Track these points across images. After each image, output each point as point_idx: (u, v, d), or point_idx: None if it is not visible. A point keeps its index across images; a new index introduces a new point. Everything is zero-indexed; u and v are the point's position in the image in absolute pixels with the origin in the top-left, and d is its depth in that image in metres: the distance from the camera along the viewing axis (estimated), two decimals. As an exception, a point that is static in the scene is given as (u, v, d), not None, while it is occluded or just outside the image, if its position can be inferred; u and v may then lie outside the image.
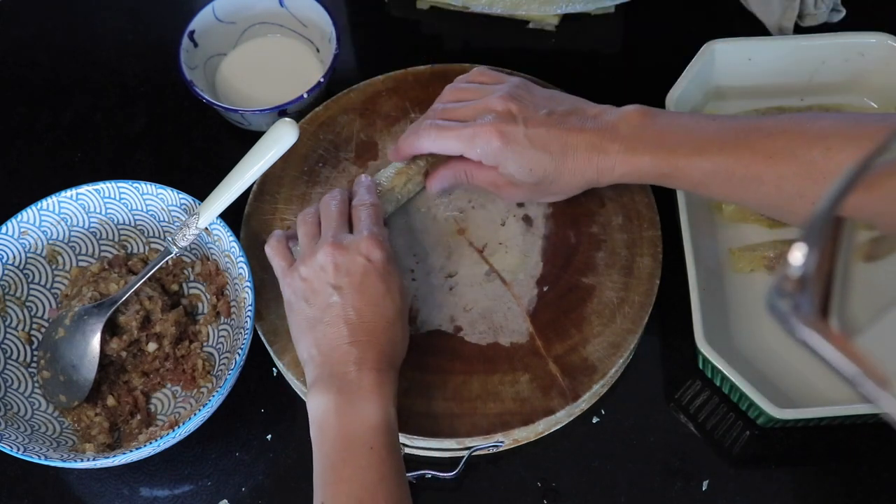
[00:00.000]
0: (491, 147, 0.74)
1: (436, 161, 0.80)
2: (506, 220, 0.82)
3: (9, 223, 0.79)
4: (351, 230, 0.75)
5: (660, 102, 0.83)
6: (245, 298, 0.76)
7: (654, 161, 0.72)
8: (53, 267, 0.82)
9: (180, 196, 0.80)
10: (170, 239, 0.78)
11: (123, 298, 0.77)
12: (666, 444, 0.77)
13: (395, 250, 0.79)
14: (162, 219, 0.82)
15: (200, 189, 0.80)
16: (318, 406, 0.68)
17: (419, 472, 0.75)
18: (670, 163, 0.71)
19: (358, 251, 0.71)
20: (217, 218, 0.78)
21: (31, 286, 0.81)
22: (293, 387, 0.79)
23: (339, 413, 0.67)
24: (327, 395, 0.68)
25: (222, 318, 0.80)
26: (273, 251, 0.76)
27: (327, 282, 0.71)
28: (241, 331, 0.75)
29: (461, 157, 0.77)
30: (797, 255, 0.37)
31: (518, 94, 0.76)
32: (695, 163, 0.71)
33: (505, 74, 0.80)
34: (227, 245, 0.78)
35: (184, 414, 0.77)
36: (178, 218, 0.81)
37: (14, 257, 0.79)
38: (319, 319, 0.70)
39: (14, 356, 0.79)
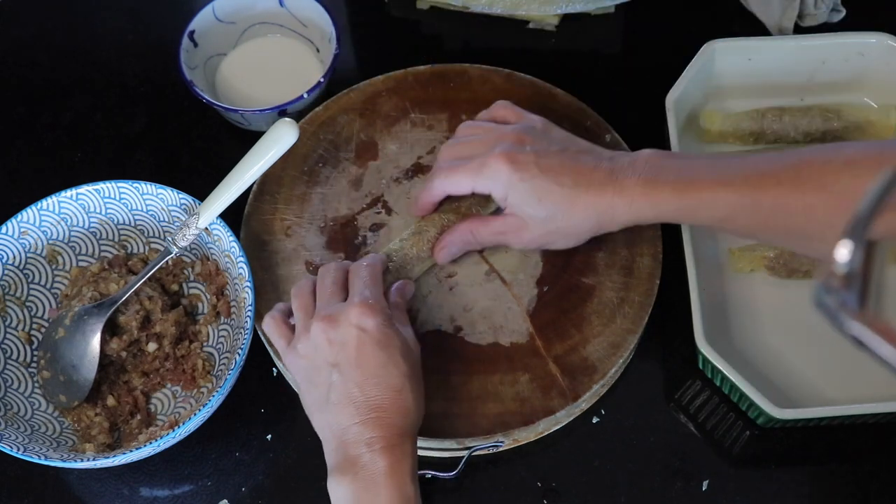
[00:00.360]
0: (500, 175, 0.72)
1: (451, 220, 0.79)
2: (506, 220, 0.82)
3: (9, 223, 0.79)
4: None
5: (660, 102, 0.83)
6: (245, 298, 0.76)
7: (676, 194, 0.69)
8: (53, 267, 0.82)
9: (180, 196, 0.80)
10: (170, 239, 0.78)
11: (123, 298, 0.77)
12: (666, 444, 0.77)
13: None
14: (162, 219, 0.82)
15: (200, 189, 0.79)
16: (338, 496, 0.66)
17: (419, 472, 0.75)
18: (692, 196, 0.69)
19: (349, 322, 0.68)
20: (217, 218, 0.78)
21: (31, 286, 0.81)
22: (293, 387, 0.79)
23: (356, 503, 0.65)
24: (343, 483, 0.65)
25: (222, 318, 0.80)
26: (270, 329, 0.74)
27: (325, 360, 0.68)
28: (241, 331, 0.75)
29: (464, 220, 0.77)
30: (843, 252, 0.37)
31: (532, 131, 0.75)
32: (719, 195, 0.68)
33: (526, 112, 0.78)
34: (227, 245, 0.78)
35: (184, 414, 0.77)
36: (178, 218, 0.81)
37: (14, 257, 0.79)
38: (326, 400, 0.68)
39: (14, 356, 0.79)
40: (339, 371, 0.67)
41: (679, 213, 0.71)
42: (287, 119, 0.77)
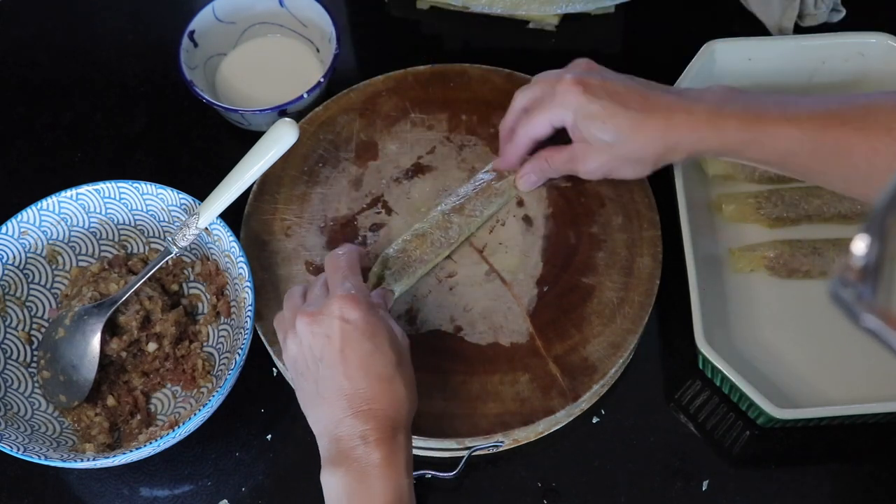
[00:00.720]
0: (570, 98, 0.73)
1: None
2: (506, 221, 0.82)
3: (9, 223, 0.79)
4: None
5: (660, 102, 0.83)
6: (245, 298, 0.76)
7: (741, 125, 0.70)
8: (53, 267, 0.82)
9: (180, 196, 0.80)
10: (170, 239, 0.78)
11: (123, 298, 0.77)
12: (666, 444, 0.77)
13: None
14: (162, 219, 0.82)
15: (200, 189, 0.79)
16: (331, 487, 0.66)
17: (419, 472, 0.75)
18: (757, 128, 0.69)
19: (332, 315, 0.67)
20: (217, 218, 0.78)
21: (31, 286, 0.81)
22: (293, 387, 0.79)
23: (350, 495, 0.64)
24: (337, 475, 0.65)
25: (222, 318, 0.80)
26: (278, 324, 0.74)
27: (312, 354, 0.68)
28: (241, 331, 0.75)
29: (539, 151, 0.79)
30: (860, 245, 0.37)
31: (601, 66, 0.77)
32: (783, 130, 0.69)
33: None
34: (227, 245, 0.78)
35: (184, 414, 0.77)
36: (178, 218, 0.81)
37: (14, 257, 0.79)
38: (316, 393, 0.67)
39: (14, 356, 0.79)
40: (326, 364, 0.67)
41: (742, 145, 0.71)
42: (287, 119, 0.77)
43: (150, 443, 0.70)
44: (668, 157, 0.75)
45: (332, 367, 0.67)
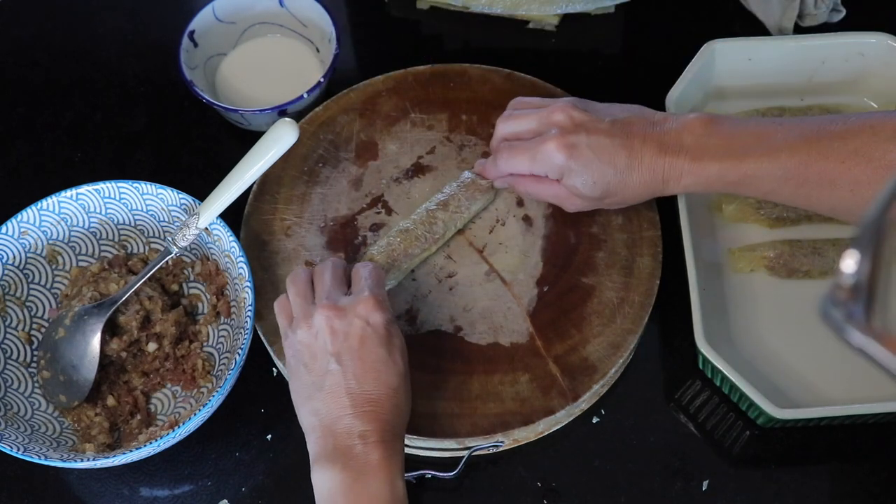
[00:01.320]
0: (555, 162, 0.74)
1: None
2: (506, 221, 0.82)
3: (9, 223, 0.79)
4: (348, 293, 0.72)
5: (660, 102, 0.83)
6: (245, 298, 0.76)
7: (722, 170, 0.71)
8: (53, 267, 0.82)
9: (180, 196, 0.80)
10: (170, 239, 0.78)
11: (123, 298, 0.77)
12: (666, 444, 0.77)
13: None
14: (162, 219, 0.82)
15: (200, 189, 0.80)
16: (324, 484, 0.65)
17: (419, 472, 0.75)
18: (739, 170, 0.70)
19: (356, 314, 0.68)
20: (217, 218, 0.78)
21: (31, 286, 0.81)
22: (287, 376, 0.79)
23: (345, 493, 0.64)
24: (332, 471, 0.64)
25: (222, 318, 0.81)
26: (279, 307, 0.73)
27: (325, 348, 0.67)
28: (241, 331, 0.75)
29: (524, 177, 0.78)
30: (849, 263, 0.37)
31: (578, 104, 0.76)
32: (765, 169, 0.70)
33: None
34: (227, 245, 0.78)
35: (184, 414, 0.77)
36: (178, 218, 0.81)
37: (14, 257, 0.79)
38: (319, 387, 0.67)
39: (14, 356, 0.79)
40: (338, 361, 0.67)
41: (726, 187, 0.72)
42: (287, 119, 0.77)
43: (150, 443, 0.70)
44: (656, 196, 0.77)
45: (344, 365, 0.67)
